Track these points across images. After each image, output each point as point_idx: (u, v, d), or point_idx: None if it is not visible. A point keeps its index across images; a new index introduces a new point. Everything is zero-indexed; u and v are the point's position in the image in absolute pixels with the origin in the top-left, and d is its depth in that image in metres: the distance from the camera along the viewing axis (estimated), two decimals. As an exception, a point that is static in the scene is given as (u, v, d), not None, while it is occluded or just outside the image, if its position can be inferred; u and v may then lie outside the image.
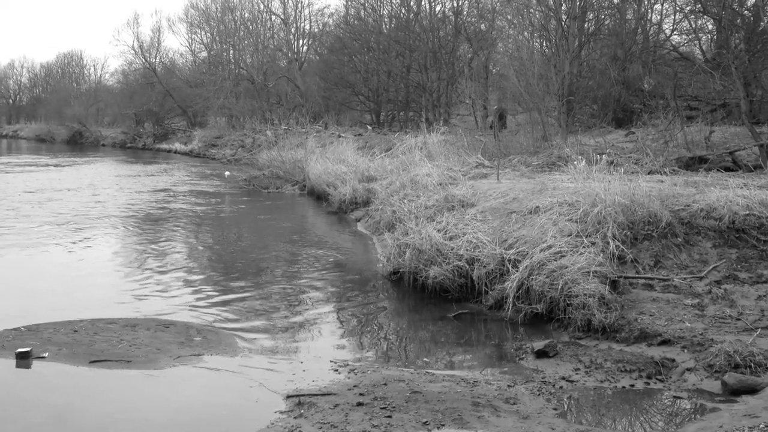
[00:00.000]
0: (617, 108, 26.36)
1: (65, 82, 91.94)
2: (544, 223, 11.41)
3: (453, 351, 9.30)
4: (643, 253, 10.79)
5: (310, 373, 8.07)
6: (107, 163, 43.40)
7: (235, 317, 10.43)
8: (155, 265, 14.00)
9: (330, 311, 10.96)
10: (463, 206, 14.38)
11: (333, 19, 57.02)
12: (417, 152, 22.78)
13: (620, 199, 11.45)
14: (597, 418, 7.17)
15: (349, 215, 20.65)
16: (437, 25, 42.55)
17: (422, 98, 42.98)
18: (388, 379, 7.84)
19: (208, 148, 50.75)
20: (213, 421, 6.87)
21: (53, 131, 74.22)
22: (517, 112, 27.66)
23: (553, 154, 19.84)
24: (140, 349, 8.70)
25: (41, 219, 19.00)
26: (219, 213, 21.81)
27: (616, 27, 28.87)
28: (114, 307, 10.67)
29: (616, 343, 8.93)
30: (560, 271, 9.95)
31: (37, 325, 9.54)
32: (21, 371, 8.07)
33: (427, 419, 6.74)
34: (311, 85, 52.35)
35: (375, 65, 46.91)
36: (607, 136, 21.96)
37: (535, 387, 7.67)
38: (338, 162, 25.27)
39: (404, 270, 12.14)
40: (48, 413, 7.01)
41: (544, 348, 8.65)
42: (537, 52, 29.07)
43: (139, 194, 25.85)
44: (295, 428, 6.54)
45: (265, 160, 32.46)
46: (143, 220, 19.69)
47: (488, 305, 10.68)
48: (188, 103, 61.90)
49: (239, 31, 62.08)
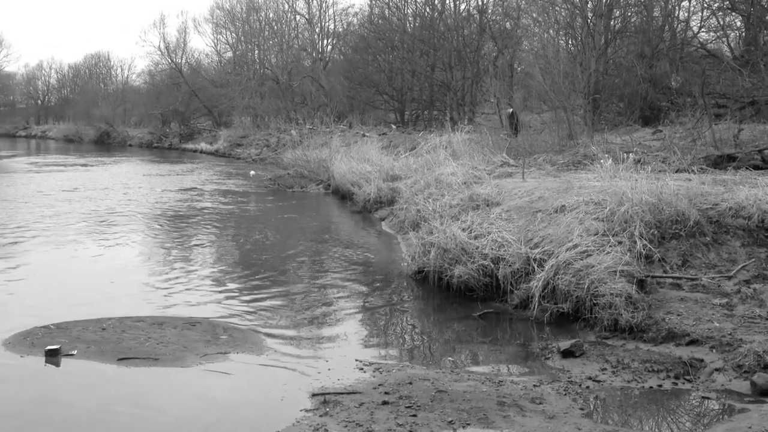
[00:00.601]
0: (644, 106, 26.11)
1: (93, 83, 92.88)
2: (570, 222, 11.34)
3: (478, 350, 9.27)
4: (671, 253, 10.69)
5: (335, 372, 8.09)
6: (134, 163, 43.82)
7: (260, 316, 10.48)
8: (181, 263, 14.11)
9: (355, 310, 10.98)
10: (488, 205, 14.33)
11: (357, 18, 57.13)
12: (441, 151, 22.74)
13: (647, 197, 11.35)
14: (624, 418, 7.11)
15: (374, 214, 20.67)
16: (462, 24, 42.41)
17: (447, 97, 42.88)
18: (413, 378, 7.83)
19: (233, 148, 51.03)
20: (239, 418, 6.90)
21: (81, 131, 75.03)
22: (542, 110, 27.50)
23: (578, 152, 19.70)
24: (167, 347, 8.77)
25: (70, 218, 19.23)
26: (244, 212, 21.93)
27: (642, 24, 28.59)
28: (141, 305, 10.77)
29: (644, 342, 8.85)
30: (586, 270, 9.88)
31: (66, 322, 9.65)
32: (50, 368, 8.17)
33: (453, 418, 6.72)
34: (335, 84, 52.43)
35: (399, 64, 46.86)
36: (634, 135, 21.77)
37: (562, 387, 7.62)
38: (363, 161, 25.29)
39: (429, 269, 12.12)
40: (77, 410, 7.09)
41: (570, 347, 8.59)
42: (562, 49, 28.91)
43: (166, 193, 26.07)
44: (321, 426, 6.56)
45: (290, 159, 32.58)
46: (170, 219, 19.86)
47: (513, 304, 10.63)
48: (214, 103, 62.31)
49: (264, 31, 62.37)
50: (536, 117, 28.79)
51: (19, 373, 8.04)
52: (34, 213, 20.13)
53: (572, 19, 28.00)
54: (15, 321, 9.71)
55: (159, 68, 70.77)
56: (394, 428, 6.52)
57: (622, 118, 25.30)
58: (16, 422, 6.80)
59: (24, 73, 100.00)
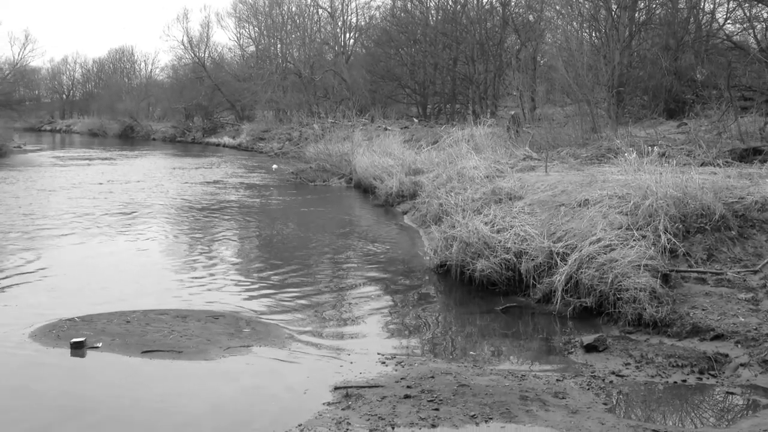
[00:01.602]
0: (669, 99, 25.87)
1: (117, 78, 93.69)
2: (594, 215, 11.27)
3: (500, 344, 9.25)
4: (696, 247, 10.59)
5: (357, 365, 8.11)
6: (158, 157, 44.14)
7: (283, 309, 10.53)
8: (205, 256, 14.21)
9: (377, 304, 10.98)
10: (511, 199, 14.29)
11: (380, 11, 57.16)
12: (464, 145, 22.67)
13: (672, 191, 11.25)
14: (647, 413, 7.06)
15: (396, 208, 20.67)
16: (484, 17, 42.25)
17: (469, 90, 42.76)
18: (435, 371, 7.83)
19: (255, 142, 51.24)
20: (262, 411, 6.94)
21: (105, 126, 75.69)
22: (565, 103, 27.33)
23: (602, 146, 19.56)
24: (191, 340, 8.84)
25: (94, 211, 19.42)
26: (267, 206, 22.03)
27: (667, 16, 28.30)
28: (165, 299, 10.85)
29: (668, 337, 8.78)
30: (610, 264, 9.82)
31: (91, 315, 9.75)
32: (75, 360, 8.26)
33: (475, 412, 6.72)
34: (358, 78, 52.47)
35: (421, 58, 46.79)
36: (659, 128, 21.57)
37: (585, 381, 7.58)
38: (385, 155, 25.30)
39: (451, 263, 12.10)
40: (102, 403, 7.16)
41: (593, 342, 8.54)
42: (586, 42, 28.68)
43: (190, 187, 26.24)
44: (343, 420, 6.58)
45: (312, 153, 32.66)
46: (193, 213, 19.99)
47: (536, 299, 10.60)
48: (236, 97, 62.58)
49: (286, 25, 62.54)
50: (559, 110, 28.62)
51: (45, 365, 8.13)
52: (59, 206, 20.35)
53: (596, 11, 27.77)
54: (41, 313, 9.83)
55: (182, 62, 71.27)
56: (417, 422, 6.53)
57: (646, 111, 25.09)
58: (42, 414, 6.89)
59: (49, 67, 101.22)
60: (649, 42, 28.97)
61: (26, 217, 18.23)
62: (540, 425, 6.50)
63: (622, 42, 25.81)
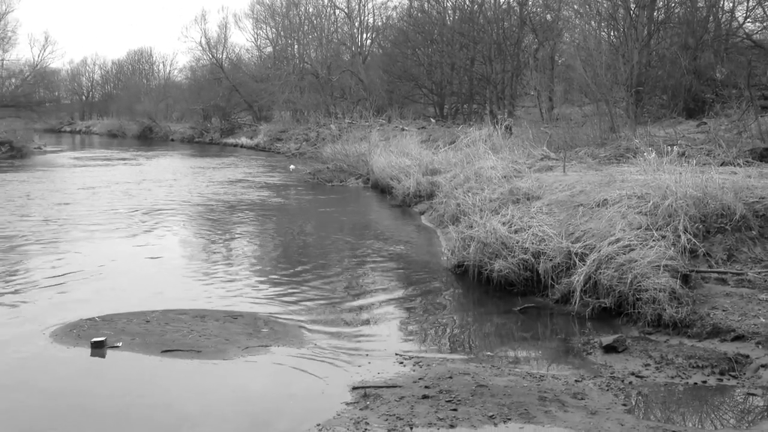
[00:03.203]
0: (688, 98, 25.70)
1: (136, 79, 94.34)
2: (613, 215, 11.21)
3: (519, 345, 9.22)
4: (716, 247, 10.51)
5: (375, 365, 8.11)
6: (176, 158, 44.38)
7: (300, 309, 10.55)
8: (223, 256, 14.27)
9: (394, 304, 10.98)
10: (529, 199, 14.24)
11: (396, 12, 57.20)
12: (481, 145, 22.66)
13: (692, 191, 11.17)
14: (667, 414, 7.02)
15: (413, 208, 20.66)
16: (502, 17, 42.15)
17: (486, 90, 42.68)
18: (454, 372, 7.82)
19: (273, 142, 51.39)
20: (281, 411, 6.97)
21: (124, 127, 76.20)
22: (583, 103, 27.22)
23: (621, 145, 19.46)
24: (210, 340, 8.88)
25: (114, 212, 19.55)
26: (284, 206, 22.08)
27: (686, 15, 28.12)
28: (184, 298, 10.91)
29: (688, 338, 8.72)
30: (629, 264, 9.77)
31: (111, 315, 9.83)
32: (96, 360, 8.32)
33: (493, 413, 6.70)
34: (375, 78, 52.50)
35: (438, 58, 46.76)
36: (678, 127, 21.43)
37: (604, 382, 7.54)
38: (402, 155, 25.30)
39: (469, 263, 12.08)
40: (122, 401, 7.21)
41: (612, 343, 8.50)
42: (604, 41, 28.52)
43: (208, 187, 26.36)
44: (362, 420, 6.58)
45: (329, 153, 32.72)
46: (211, 213, 20.08)
47: (554, 299, 10.55)
48: (254, 98, 62.80)
49: (304, 26, 62.70)
50: (577, 110, 28.51)
51: (66, 364, 8.20)
52: (79, 207, 20.51)
53: (614, 11, 27.64)
54: (62, 313, 9.92)
55: (200, 63, 71.60)
56: (435, 422, 6.53)
57: (665, 110, 24.95)
58: (63, 412, 6.95)
59: (69, 69, 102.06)
60: (668, 41, 28.80)
61: (46, 218, 18.38)
62: (559, 426, 6.47)
63: (640, 41, 25.68)
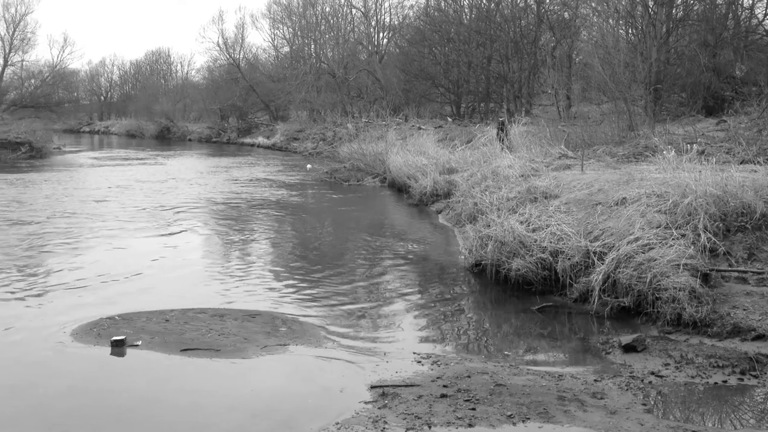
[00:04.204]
0: (707, 96, 25.50)
1: (153, 79, 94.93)
2: (631, 214, 11.14)
3: (537, 344, 9.19)
4: (736, 246, 10.42)
5: (393, 364, 8.11)
6: (194, 158, 44.61)
7: (318, 308, 10.57)
8: (241, 255, 14.33)
9: (412, 303, 10.98)
10: (546, 198, 14.18)
11: (413, 11, 57.26)
12: (498, 144, 22.59)
13: (712, 189, 11.08)
14: (687, 414, 6.97)
15: (430, 207, 20.65)
16: (519, 15, 42.01)
17: (503, 89, 42.56)
18: (472, 371, 7.81)
19: (289, 142, 51.53)
20: (299, 409, 6.98)
21: (142, 127, 76.64)
22: (601, 101, 27.07)
23: (639, 144, 19.34)
24: (228, 339, 8.91)
25: (132, 211, 19.68)
26: (301, 205, 22.14)
27: (705, 12, 27.89)
28: (202, 297, 10.96)
29: (708, 338, 8.66)
30: (648, 263, 9.70)
31: (130, 314, 9.89)
32: (116, 359, 8.37)
33: (512, 412, 6.68)
34: (391, 77, 52.51)
35: (455, 56, 46.67)
36: (697, 125, 21.26)
37: (623, 382, 7.50)
38: (419, 154, 25.30)
39: (486, 262, 12.05)
40: (142, 400, 7.25)
41: (632, 342, 8.45)
42: (622, 39, 28.37)
43: (225, 187, 26.47)
44: (380, 419, 6.59)
45: (346, 152, 32.75)
46: (229, 212, 20.16)
47: (573, 298, 10.50)
48: (271, 98, 63.01)
49: (320, 26, 62.84)
50: (595, 108, 28.35)
51: (87, 362, 8.26)
52: (98, 206, 20.66)
53: (633, 8, 27.47)
54: (82, 312, 10.00)
55: (217, 64, 71.99)
56: (453, 421, 6.52)
57: (684, 108, 24.75)
58: (85, 411, 7.00)
59: (87, 70, 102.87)
60: (687, 38, 28.57)
61: (65, 217, 18.53)
62: (578, 426, 6.45)
63: (659, 39, 25.51)
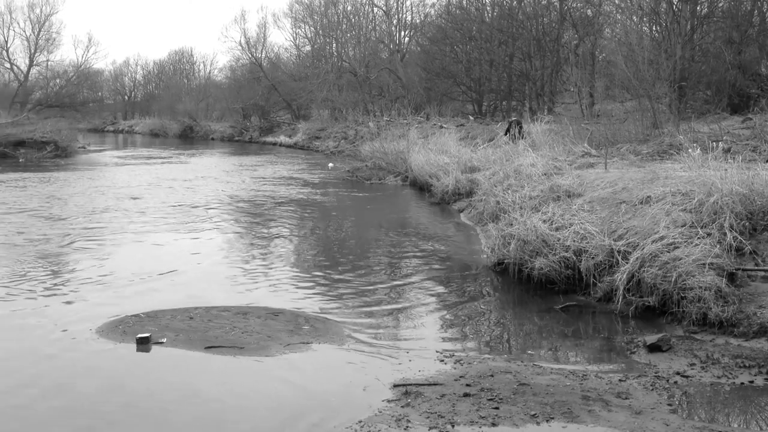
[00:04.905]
0: (732, 93, 25.23)
1: (177, 79, 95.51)
2: (656, 213, 11.05)
3: (560, 344, 9.14)
4: (763, 245, 10.30)
5: (415, 363, 8.11)
6: (217, 156, 44.86)
7: (341, 306, 10.59)
8: (263, 254, 14.38)
9: (434, 302, 10.97)
10: (569, 196, 14.11)
11: (435, 9, 57.14)
12: (521, 142, 22.50)
13: (738, 188, 10.96)
14: (713, 414, 6.90)
15: (452, 206, 20.61)
16: (541, 12, 41.82)
17: (525, 87, 42.40)
18: (495, 370, 7.79)
19: (311, 141, 51.63)
20: (322, 407, 6.99)
21: (166, 126, 77.12)
22: (625, 99, 26.88)
23: (664, 142, 19.17)
24: (252, 336, 8.95)
25: (157, 209, 19.82)
26: (323, 204, 22.19)
27: (730, 9, 27.60)
28: (226, 295, 11.03)
29: (734, 337, 8.56)
30: (674, 262, 9.62)
31: (155, 311, 9.96)
32: (141, 355, 8.44)
33: (536, 412, 6.65)
34: (413, 76, 52.45)
35: (477, 55, 46.53)
36: (722, 123, 21.04)
37: (648, 382, 7.44)
38: (440, 153, 25.26)
39: (509, 261, 12.00)
40: (167, 396, 7.31)
41: (657, 342, 8.38)
42: (646, 36, 28.13)
43: (248, 185, 26.60)
44: (403, 417, 6.59)
45: (368, 151, 32.76)
46: (252, 211, 20.25)
47: (596, 297, 10.44)
48: (292, 97, 63.13)
49: (342, 25, 62.89)
50: (619, 106, 28.14)
51: (112, 359, 8.33)
52: (122, 204, 20.83)
53: (657, 5, 27.24)
54: (107, 309, 10.09)
55: (240, 63, 72.20)
56: (477, 420, 6.50)
57: (709, 106, 24.53)
58: (111, 408, 7.05)
59: (111, 69, 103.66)
60: (712, 35, 28.29)
61: (90, 216, 18.70)
62: (603, 425, 6.41)
63: (683, 36, 25.27)
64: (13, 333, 9.30)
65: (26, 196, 22.62)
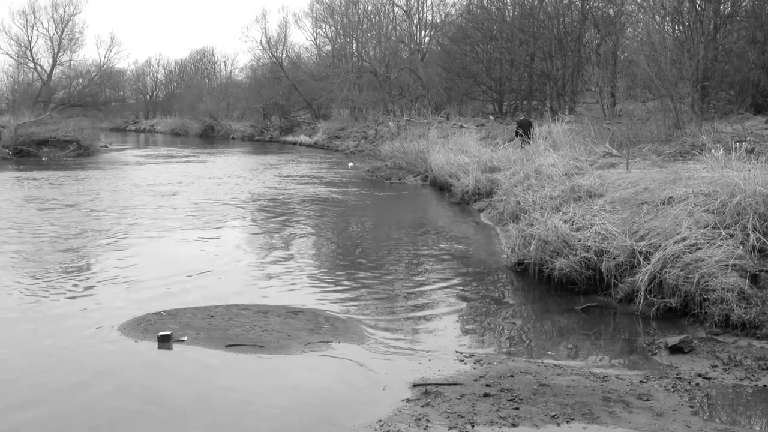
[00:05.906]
0: (756, 93, 24.98)
1: (198, 78, 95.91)
2: (678, 214, 10.97)
3: (581, 344, 9.11)
4: (787, 246, 10.18)
5: (435, 363, 8.11)
6: (237, 155, 45.06)
7: (360, 305, 10.62)
8: (284, 253, 14.43)
9: (454, 301, 10.96)
10: (590, 197, 14.03)
11: (455, 8, 56.95)
12: (541, 142, 22.41)
13: (762, 189, 10.84)
14: (734, 417, 6.85)
15: (472, 206, 20.58)
16: (563, 12, 41.61)
17: (546, 87, 42.21)
18: (515, 370, 7.77)
19: (331, 140, 51.71)
20: (342, 406, 7.02)
21: (187, 125, 77.55)
22: (647, 99, 26.68)
23: (686, 142, 19.01)
24: (272, 335, 9.00)
25: (178, 208, 19.96)
26: (343, 203, 22.22)
27: (754, 8, 27.32)
28: (246, 294, 11.08)
29: (757, 339, 8.48)
30: (696, 264, 9.54)
31: (176, 309, 10.03)
32: (163, 353, 8.51)
33: (556, 412, 6.63)
34: (433, 75, 52.39)
35: (498, 54, 46.38)
36: (746, 123, 20.82)
37: (670, 383, 7.39)
38: (460, 152, 25.22)
39: (529, 261, 11.97)
40: (188, 394, 7.36)
41: (678, 343, 8.32)
42: (669, 36, 27.89)
43: (268, 184, 26.70)
44: (423, 417, 6.59)
45: (388, 151, 32.74)
46: (272, 209, 20.33)
47: (618, 298, 10.37)
48: (313, 96, 63.23)
49: (362, 24, 62.89)
50: (641, 106, 27.93)
51: (134, 357, 8.40)
52: (144, 203, 21.00)
53: (679, 4, 26.99)
54: (129, 307, 10.18)
55: (260, 63, 72.37)
56: (497, 421, 6.49)
57: (732, 106, 24.28)
58: (134, 405, 7.11)
59: (133, 69, 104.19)
60: (735, 35, 28.00)
61: (112, 214, 18.87)
62: (624, 427, 6.37)
63: (706, 35, 25.05)
64: (37, 329, 9.41)
65: (50, 195, 22.86)
